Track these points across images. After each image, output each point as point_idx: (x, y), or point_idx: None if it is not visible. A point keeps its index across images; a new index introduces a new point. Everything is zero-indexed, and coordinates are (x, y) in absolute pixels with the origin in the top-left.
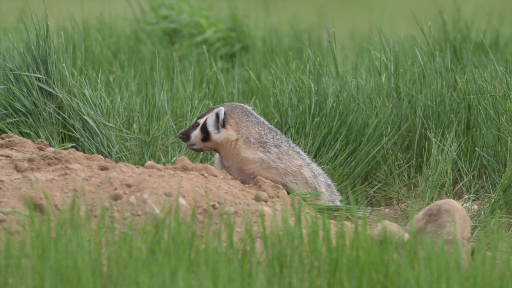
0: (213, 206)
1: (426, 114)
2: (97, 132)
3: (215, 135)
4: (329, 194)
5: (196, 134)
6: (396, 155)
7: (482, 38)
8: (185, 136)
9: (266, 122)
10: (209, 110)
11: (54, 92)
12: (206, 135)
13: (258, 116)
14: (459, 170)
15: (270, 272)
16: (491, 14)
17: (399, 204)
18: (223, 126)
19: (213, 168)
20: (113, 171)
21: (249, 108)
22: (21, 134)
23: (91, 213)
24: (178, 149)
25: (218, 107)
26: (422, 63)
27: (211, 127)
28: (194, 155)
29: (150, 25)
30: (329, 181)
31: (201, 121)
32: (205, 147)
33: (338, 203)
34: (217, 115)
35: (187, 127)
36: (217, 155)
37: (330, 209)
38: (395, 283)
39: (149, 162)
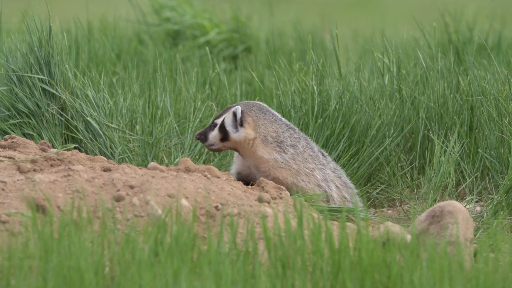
0: (216, 207)
1: (429, 115)
2: (100, 133)
3: (234, 134)
4: (338, 196)
5: (214, 134)
6: (399, 156)
7: (484, 40)
8: (203, 137)
9: (283, 119)
10: (225, 110)
11: (57, 94)
12: (224, 135)
13: (275, 113)
14: (462, 172)
15: (273, 274)
16: (493, 16)
17: (402, 206)
18: (241, 125)
19: (216, 170)
20: (116, 172)
21: (266, 105)
22: (24, 135)
23: (94, 214)
24: (181, 151)
25: (234, 106)
26: (424, 65)
27: (229, 127)
28: (197, 157)
29: (153, 27)
30: (350, 184)
31: (219, 121)
32: (224, 147)
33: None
34: (235, 114)
35: (203, 128)
36: (236, 153)
37: (333, 211)
38: (397, 285)
39: (152, 164)
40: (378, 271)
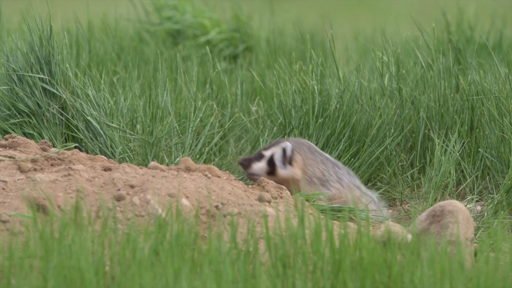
0: (216, 207)
1: (429, 115)
2: (101, 132)
3: (282, 171)
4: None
5: (261, 166)
6: (400, 156)
7: (485, 39)
8: (246, 164)
9: (329, 157)
10: (274, 143)
11: (57, 93)
12: (272, 170)
13: (322, 152)
14: (462, 171)
15: (273, 273)
16: (494, 15)
17: (403, 205)
18: (290, 163)
19: (216, 169)
20: (117, 171)
21: (314, 145)
22: (25, 134)
23: (94, 214)
24: (182, 150)
25: (284, 142)
26: (424, 65)
27: (278, 162)
28: (197, 156)
29: (153, 26)
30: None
31: (267, 153)
32: (268, 179)
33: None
34: (284, 151)
35: (248, 155)
36: None
37: (333, 210)
38: (398, 284)
39: (153, 163)
40: (379, 270)
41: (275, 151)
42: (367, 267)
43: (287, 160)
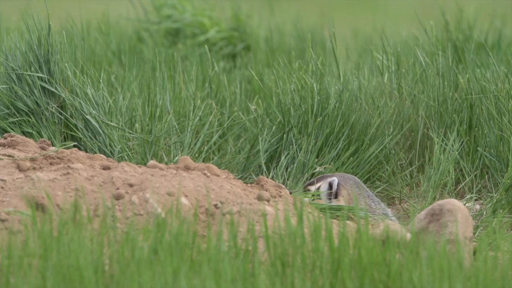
0: (215, 205)
1: (428, 113)
2: (100, 131)
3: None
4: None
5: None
6: (399, 155)
7: (484, 38)
8: None
9: (372, 194)
10: (320, 178)
11: (56, 92)
12: None
13: (366, 187)
14: (461, 170)
15: (272, 272)
16: (493, 15)
17: (402, 204)
18: (336, 197)
19: (215, 168)
20: (116, 170)
21: (359, 180)
22: (24, 133)
23: (93, 213)
24: (181, 149)
25: (330, 176)
26: (424, 63)
27: (323, 196)
28: (196, 155)
29: (152, 25)
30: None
31: (312, 188)
32: None
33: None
34: (330, 185)
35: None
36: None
37: (332, 209)
38: (397, 283)
39: (152, 162)
40: (378, 269)
41: (321, 186)
42: (366, 266)
43: (333, 194)
